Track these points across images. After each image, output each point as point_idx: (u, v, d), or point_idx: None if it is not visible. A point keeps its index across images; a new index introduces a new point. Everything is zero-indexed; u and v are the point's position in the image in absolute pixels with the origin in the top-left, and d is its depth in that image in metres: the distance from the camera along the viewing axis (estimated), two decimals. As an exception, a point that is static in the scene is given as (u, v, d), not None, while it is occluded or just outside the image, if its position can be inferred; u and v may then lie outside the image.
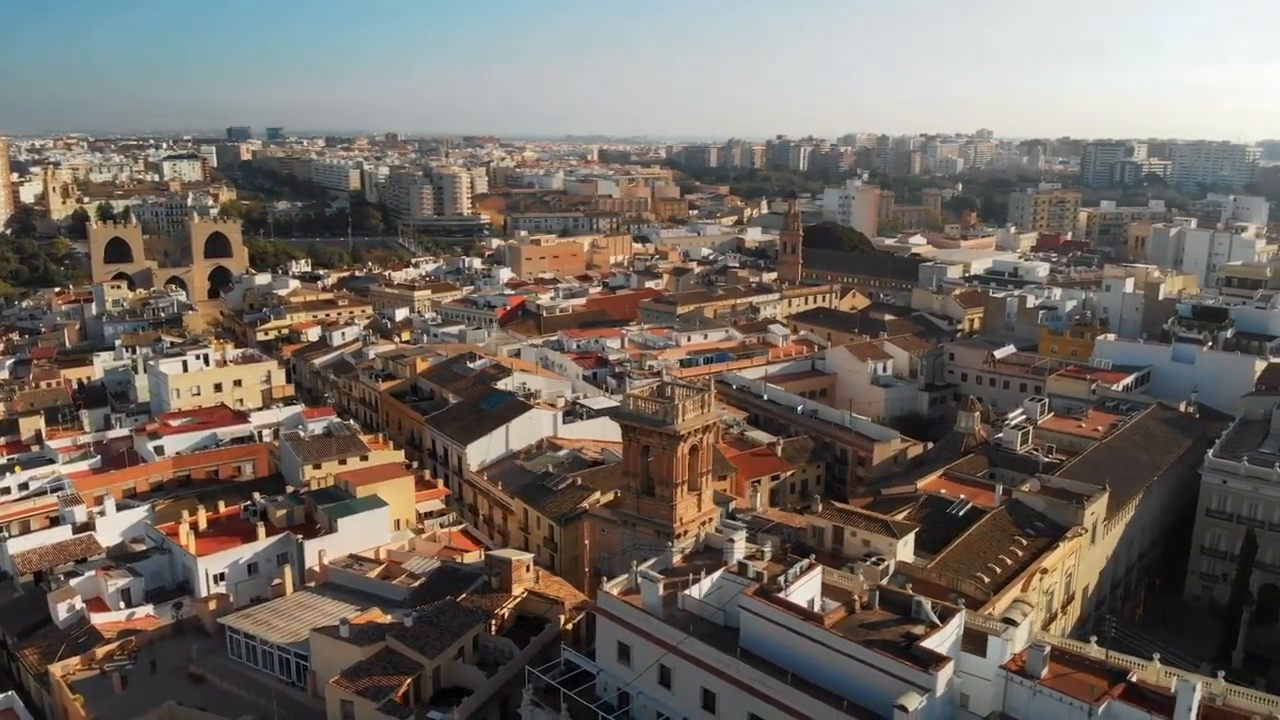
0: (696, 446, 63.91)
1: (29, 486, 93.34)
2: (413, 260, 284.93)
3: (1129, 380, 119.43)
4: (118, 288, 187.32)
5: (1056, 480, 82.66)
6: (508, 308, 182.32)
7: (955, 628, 47.23)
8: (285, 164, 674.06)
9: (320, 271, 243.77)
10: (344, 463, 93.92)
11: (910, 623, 47.89)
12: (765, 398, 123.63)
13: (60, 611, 71.11)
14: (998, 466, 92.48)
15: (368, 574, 71.52)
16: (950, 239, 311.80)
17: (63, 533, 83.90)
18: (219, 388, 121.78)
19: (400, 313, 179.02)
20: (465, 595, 66.42)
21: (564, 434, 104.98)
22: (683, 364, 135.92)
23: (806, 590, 51.43)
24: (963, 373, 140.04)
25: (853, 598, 50.50)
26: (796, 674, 46.00)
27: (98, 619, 70.98)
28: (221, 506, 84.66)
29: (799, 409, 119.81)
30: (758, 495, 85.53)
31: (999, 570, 70.08)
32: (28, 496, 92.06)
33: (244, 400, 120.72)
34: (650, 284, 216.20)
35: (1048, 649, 43.71)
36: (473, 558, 75.80)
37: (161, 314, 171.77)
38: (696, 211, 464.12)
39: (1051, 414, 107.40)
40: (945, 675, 43.20)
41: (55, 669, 64.82)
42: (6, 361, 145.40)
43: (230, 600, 71.93)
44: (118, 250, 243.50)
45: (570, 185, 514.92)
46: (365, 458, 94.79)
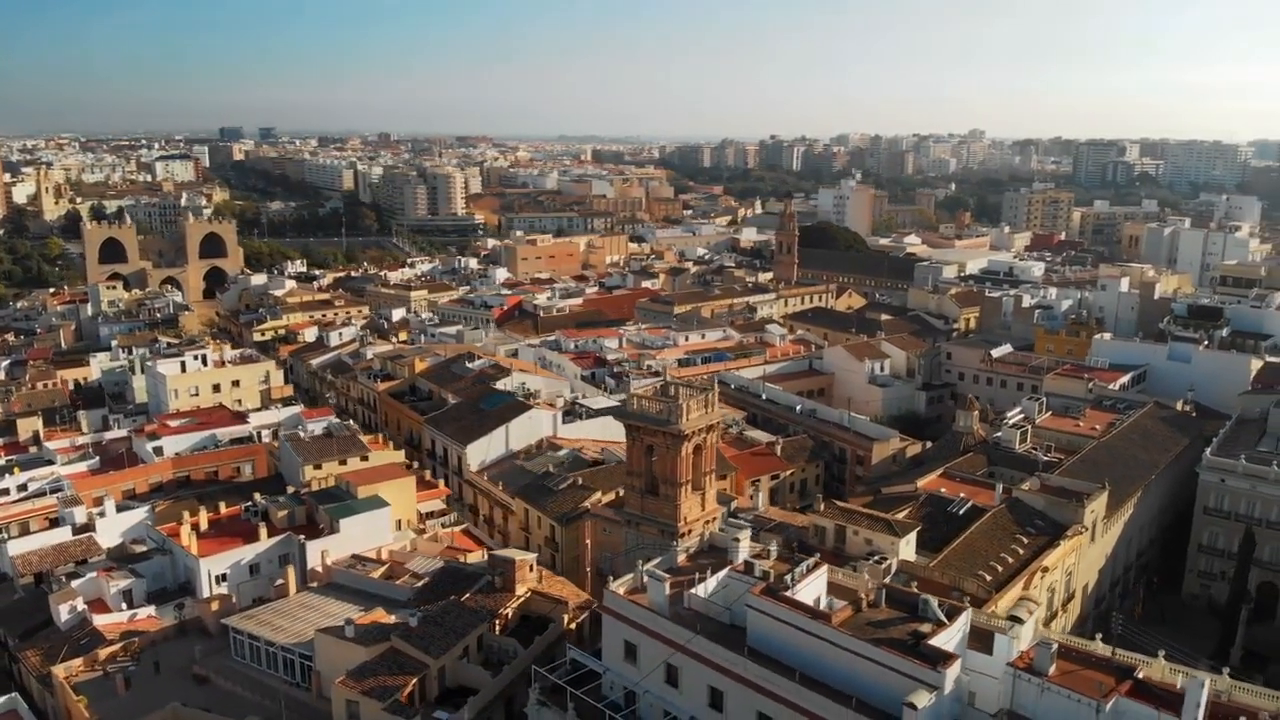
0: (700, 446, 64.00)
1: (28, 488, 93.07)
2: (408, 260, 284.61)
3: (1125, 379, 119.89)
4: (113, 288, 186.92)
5: (1056, 479, 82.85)
6: (504, 308, 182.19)
7: (962, 626, 47.46)
8: (278, 164, 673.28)
9: (316, 272, 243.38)
10: (344, 463, 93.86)
11: (917, 621, 48.10)
12: (764, 397, 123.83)
13: (62, 613, 71.00)
14: (997, 465, 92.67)
15: (371, 574, 71.52)
16: (945, 239, 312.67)
17: (63, 534, 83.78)
18: (217, 388, 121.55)
19: (397, 313, 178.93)
20: (469, 595, 66.45)
21: (564, 434, 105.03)
22: (681, 364, 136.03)
23: (812, 589, 51.60)
24: (960, 372, 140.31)
25: (859, 596, 50.68)
26: (804, 672, 46.21)
27: (100, 620, 70.87)
28: (222, 507, 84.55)
29: (797, 408, 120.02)
30: (759, 495, 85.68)
31: (1000, 569, 70.21)
32: (27, 498, 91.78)
33: (242, 401, 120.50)
34: (646, 284, 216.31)
35: (1055, 646, 43.97)
36: (475, 558, 75.85)
37: (157, 314, 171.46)
38: (691, 211, 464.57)
39: (1049, 413, 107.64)
40: (953, 673, 43.41)
41: (58, 670, 64.71)
42: (3, 362, 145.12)
43: (233, 601, 71.87)
44: (112, 251, 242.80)
45: (564, 185, 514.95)
46: (366, 458, 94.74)
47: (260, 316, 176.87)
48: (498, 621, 65.02)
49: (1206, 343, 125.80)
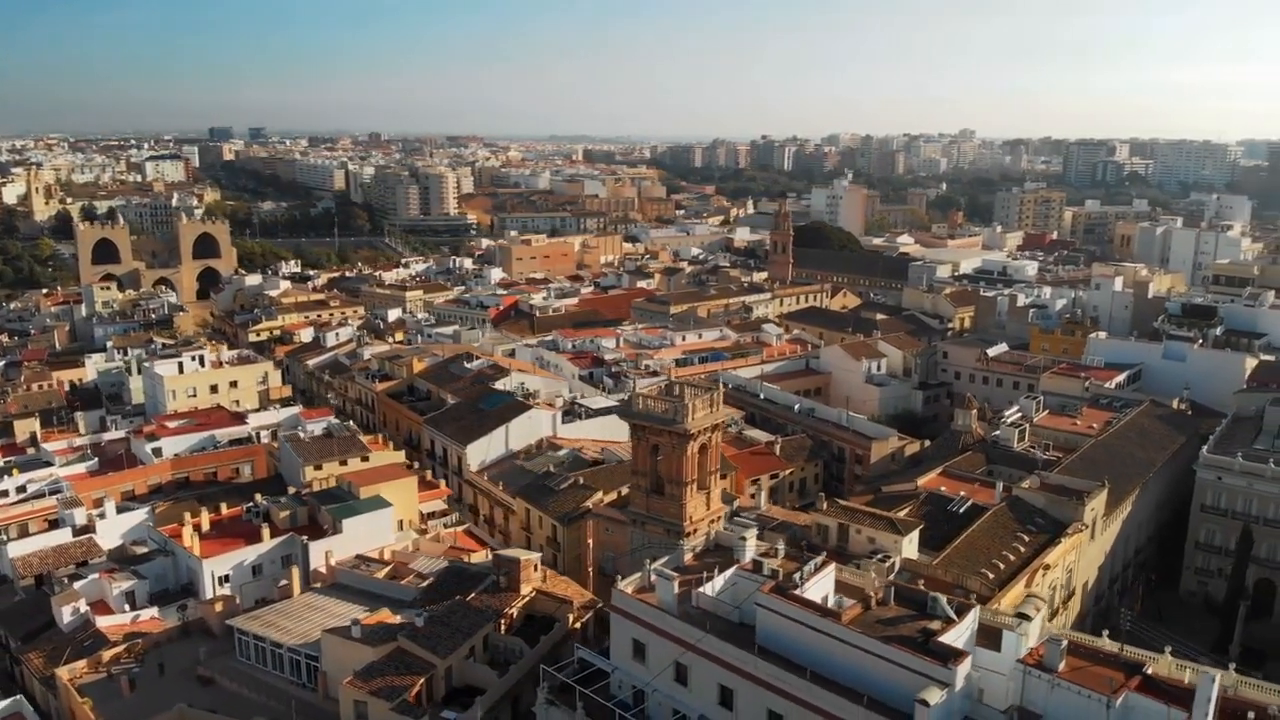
0: (706, 445, 64.22)
1: (27, 489, 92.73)
2: (402, 260, 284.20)
3: (1121, 378, 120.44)
4: (107, 289, 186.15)
5: (1056, 477, 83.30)
6: (500, 308, 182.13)
7: (970, 623, 47.75)
8: (269, 164, 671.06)
9: (310, 272, 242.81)
10: (345, 464, 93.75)
11: (926, 618, 48.34)
12: (762, 397, 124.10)
13: (64, 615, 70.85)
14: (995, 464, 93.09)
15: (375, 574, 71.49)
16: (938, 238, 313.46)
17: (63, 535, 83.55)
18: (215, 389, 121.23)
19: (392, 313, 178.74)
20: (474, 595, 66.53)
21: (563, 434, 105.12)
22: (678, 363, 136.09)
23: (820, 587, 51.82)
24: (956, 371, 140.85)
25: (868, 594, 50.92)
26: (813, 670, 46.39)
27: (102, 622, 70.72)
28: (223, 508, 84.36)
29: (795, 408, 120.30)
30: (761, 494, 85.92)
31: (1003, 566, 70.66)
32: (26, 499, 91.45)
33: (240, 401, 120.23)
34: (642, 284, 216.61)
35: (1065, 642, 44.28)
36: (478, 558, 75.94)
37: (152, 315, 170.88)
38: (683, 211, 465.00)
39: (1046, 411, 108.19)
40: (964, 670, 43.65)
41: (62, 672, 64.57)
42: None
43: (236, 602, 71.78)
44: (105, 251, 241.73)
45: (557, 185, 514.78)
46: (366, 458, 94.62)
47: (255, 317, 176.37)
48: (503, 621, 65.11)
49: (1201, 341, 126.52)
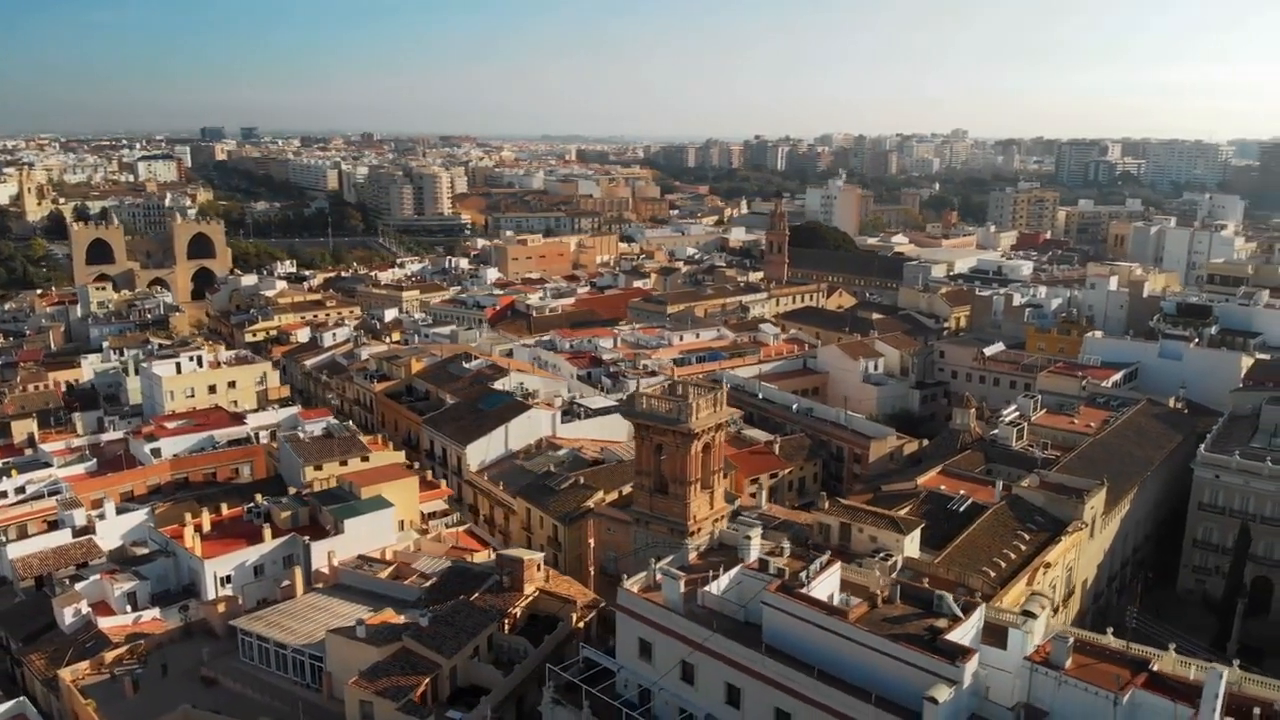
0: (709, 444, 64.41)
1: (25, 490, 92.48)
2: (397, 260, 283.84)
3: (1118, 377, 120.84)
4: (102, 289, 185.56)
5: (1055, 476, 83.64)
6: (497, 308, 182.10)
7: (976, 621, 47.99)
8: (261, 164, 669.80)
9: (306, 272, 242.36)
10: (345, 464, 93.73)
11: (932, 616, 48.57)
12: (760, 396, 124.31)
13: (66, 616, 70.68)
14: (994, 462, 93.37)
15: (378, 575, 71.49)
16: (932, 238, 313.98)
17: (62, 536, 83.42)
18: (213, 389, 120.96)
19: (389, 313, 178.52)
20: (478, 595, 66.61)
21: (562, 434, 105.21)
22: (676, 363, 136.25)
23: (826, 586, 51.97)
24: (953, 370, 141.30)
25: (874, 592, 51.12)
26: (820, 669, 46.56)
27: (104, 623, 70.61)
28: (224, 509, 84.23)
29: (794, 407, 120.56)
30: (763, 493, 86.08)
31: (1004, 565, 70.89)
32: (24, 500, 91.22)
33: (238, 402, 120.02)
34: (638, 283, 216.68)
35: (1071, 640, 44.51)
36: (481, 558, 76.02)
37: (148, 315, 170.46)
38: (677, 211, 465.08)
39: (1044, 410, 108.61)
40: (971, 667, 43.86)
41: (65, 674, 64.41)
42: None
43: (238, 603, 71.70)
44: (99, 251, 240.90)
45: (551, 185, 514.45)
46: (366, 459, 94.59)
47: (251, 317, 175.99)
48: (506, 621, 65.19)
49: (1196, 341, 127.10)
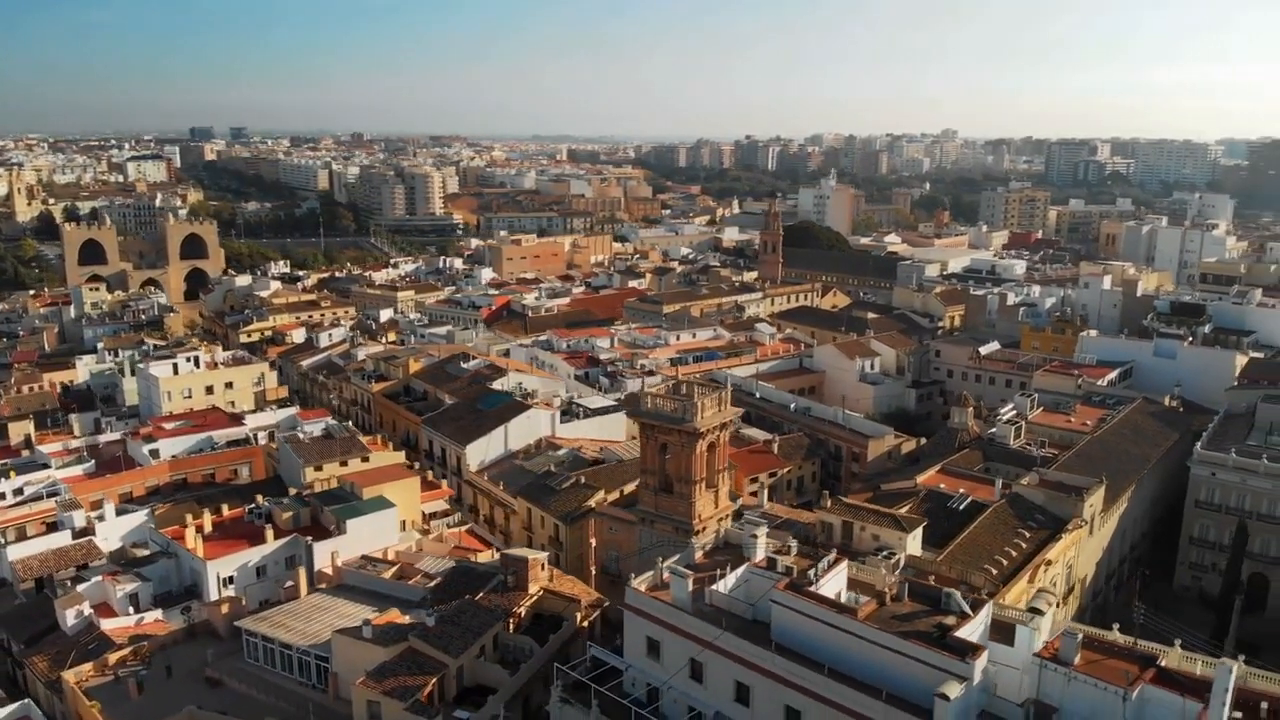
0: (714, 444, 64.61)
1: (23, 492, 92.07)
2: (391, 261, 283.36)
3: (1113, 375, 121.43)
4: (95, 290, 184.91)
5: (1054, 474, 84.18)
6: (493, 308, 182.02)
7: (984, 618, 48.29)
8: (251, 164, 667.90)
9: (300, 273, 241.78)
10: (345, 464, 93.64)
11: (940, 614, 48.86)
12: (758, 395, 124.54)
13: (68, 618, 70.42)
14: (992, 461, 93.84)
15: (382, 575, 71.46)
16: (924, 238, 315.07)
17: (62, 538, 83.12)
18: (210, 390, 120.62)
19: (384, 314, 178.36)
20: (483, 594, 66.65)
21: (562, 433, 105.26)
22: (673, 363, 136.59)
23: (834, 584, 52.26)
24: (948, 369, 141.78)
25: (883, 590, 51.37)
26: (830, 666, 46.78)
27: (107, 625, 70.41)
28: (225, 510, 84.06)
29: (791, 406, 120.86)
30: (762, 492, 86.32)
31: (1005, 562, 71.31)
32: (23, 502, 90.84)
33: (236, 403, 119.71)
34: (633, 283, 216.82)
35: (1080, 636, 44.85)
36: (484, 557, 76.10)
37: (142, 316, 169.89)
38: (669, 211, 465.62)
39: (1041, 409, 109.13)
40: (981, 664, 44.15)
41: (68, 676, 64.18)
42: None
43: (242, 603, 71.59)
44: (91, 252, 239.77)
45: (543, 185, 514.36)
46: (366, 459, 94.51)
47: (246, 318, 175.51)
48: (511, 620, 65.25)
49: (1190, 339, 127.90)
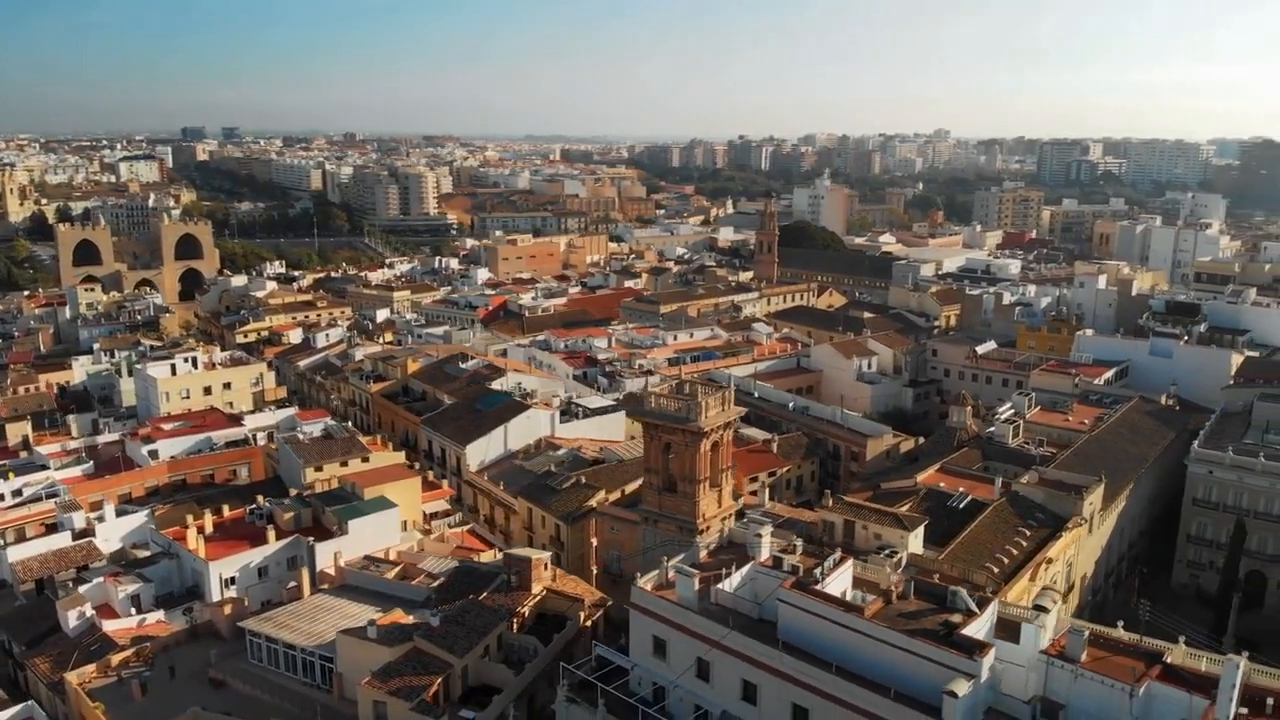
0: (718, 443, 64.77)
1: (22, 493, 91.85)
2: (386, 261, 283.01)
3: (1109, 375, 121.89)
4: (91, 290, 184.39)
5: (1053, 472, 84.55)
6: (489, 308, 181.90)
7: (990, 616, 48.53)
8: (244, 164, 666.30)
9: (295, 273, 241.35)
10: (345, 465, 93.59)
11: (946, 611, 49.10)
12: (756, 395, 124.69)
13: (70, 619, 70.32)
14: (991, 460, 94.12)
15: (385, 575, 71.46)
16: (918, 238, 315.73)
17: (62, 539, 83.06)
18: (208, 391, 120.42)
19: (381, 314, 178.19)
20: (486, 594, 66.74)
21: (561, 433, 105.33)
22: (671, 362, 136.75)
23: (840, 582, 52.45)
24: (945, 369, 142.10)
25: (887, 588, 51.60)
26: (837, 665, 46.96)
27: (109, 626, 70.34)
28: (225, 510, 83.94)
29: (789, 406, 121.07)
30: (764, 491, 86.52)
31: (1006, 561, 71.61)
32: (22, 503, 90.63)
33: (234, 403, 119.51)
34: (629, 283, 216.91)
35: (1086, 633, 45.10)
36: (486, 557, 76.17)
37: (138, 317, 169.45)
38: (663, 211, 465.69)
39: (1038, 408, 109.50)
40: (989, 661, 44.39)
41: (71, 677, 64.07)
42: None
43: (244, 604, 71.52)
44: (85, 252, 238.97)
45: (537, 185, 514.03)
46: (367, 459, 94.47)
47: (242, 318, 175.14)
48: (515, 620, 65.38)
49: (1186, 338, 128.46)
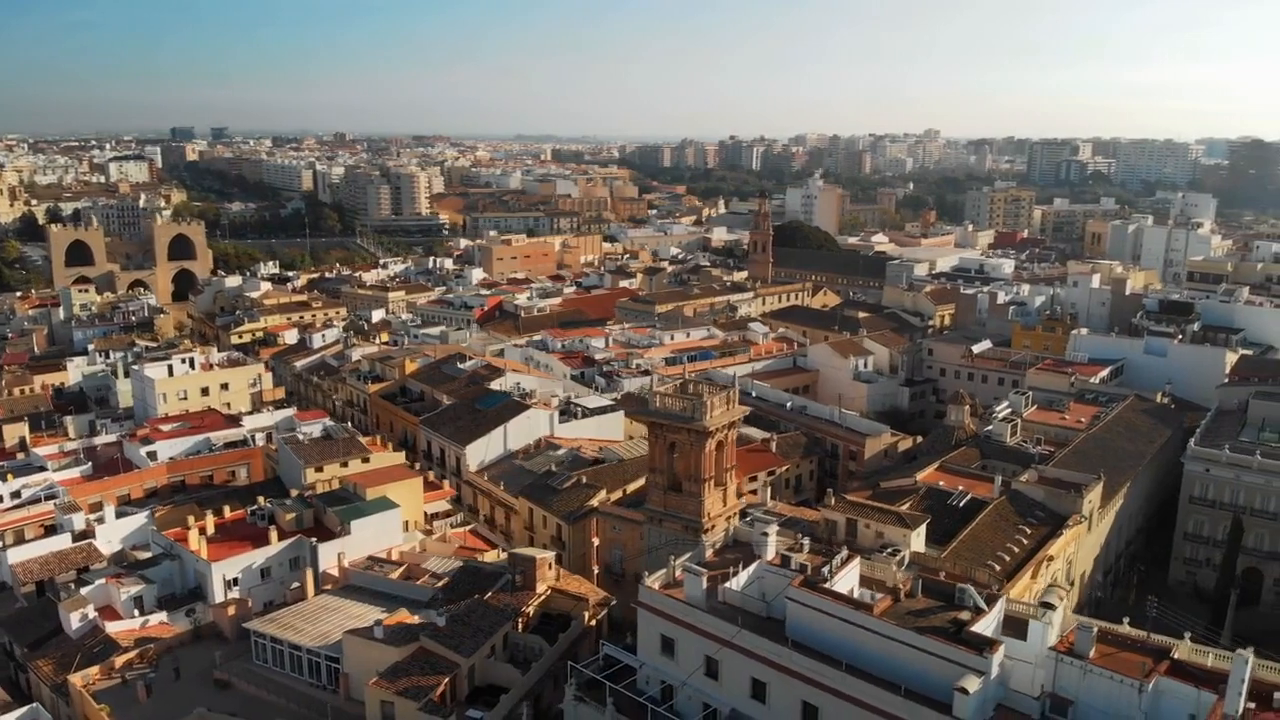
0: (722, 442, 64.99)
1: (21, 495, 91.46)
2: (380, 261, 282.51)
3: (1104, 373, 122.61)
4: (85, 291, 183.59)
5: (1053, 470, 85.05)
6: (485, 308, 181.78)
7: (998, 613, 48.86)
8: (234, 164, 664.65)
9: (289, 274, 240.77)
10: (345, 465, 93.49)
11: (955, 609, 49.41)
12: (753, 395, 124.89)
13: (73, 621, 70.10)
14: (989, 458, 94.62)
15: (389, 575, 71.48)
16: (911, 237, 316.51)
17: (62, 541, 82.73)
18: (205, 392, 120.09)
19: (376, 314, 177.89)
20: (491, 594, 66.85)
21: (560, 433, 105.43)
22: (668, 362, 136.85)
23: (847, 581, 52.76)
24: (941, 368, 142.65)
25: (895, 586, 51.89)
26: (847, 662, 47.21)
27: (111, 628, 70.09)
28: (226, 511, 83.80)
29: (787, 405, 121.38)
30: (767, 490, 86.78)
31: (1008, 559, 72.06)
32: (20, 505, 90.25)
33: (232, 404, 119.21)
34: (624, 283, 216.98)
35: (1095, 629, 45.43)
36: (490, 557, 76.22)
37: (132, 318, 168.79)
38: (655, 211, 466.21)
39: (1035, 406, 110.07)
40: (998, 658, 44.70)
41: (75, 679, 63.94)
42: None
43: (248, 605, 71.45)
44: (77, 253, 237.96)
45: (528, 185, 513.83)
46: (367, 460, 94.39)
47: (237, 319, 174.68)
48: (520, 620, 65.49)
49: (1180, 337, 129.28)
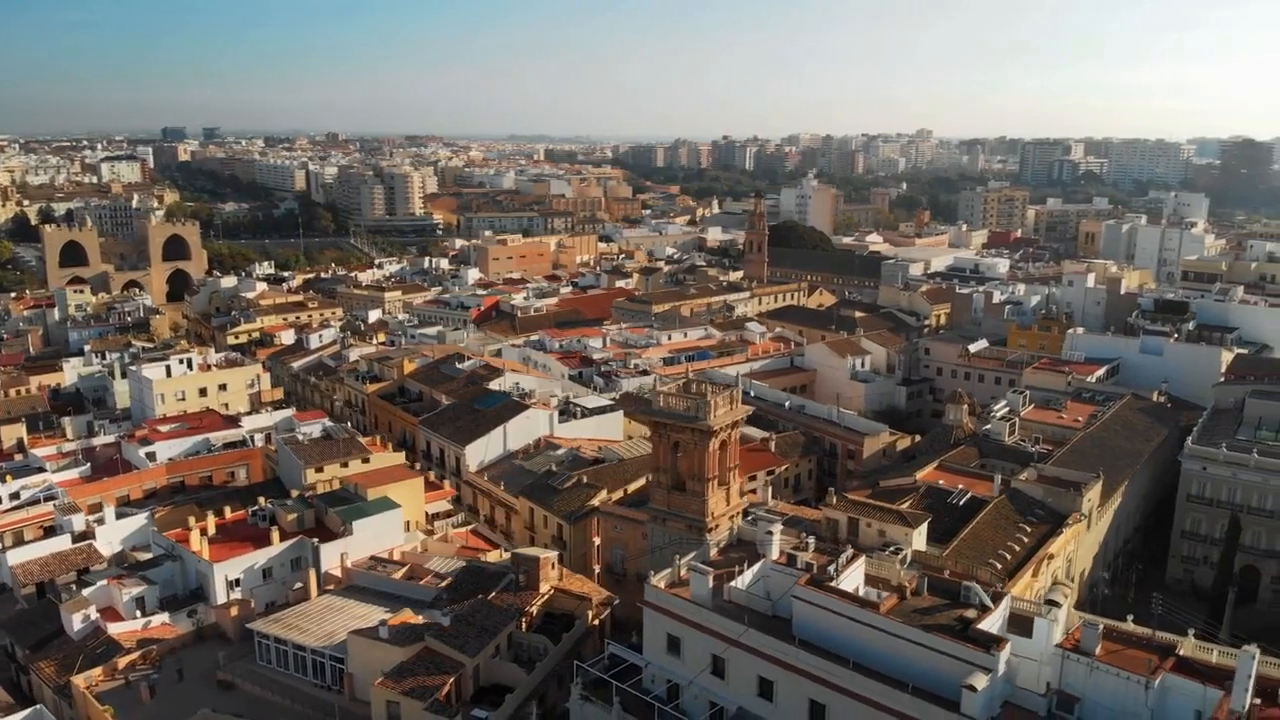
0: (726, 442, 65.15)
1: (20, 496, 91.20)
2: (375, 261, 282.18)
3: (1100, 372, 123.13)
4: (80, 292, 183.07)
5: (1052, 469, 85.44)
6: (482, 308, 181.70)
7: (1004, 610, 49.11)
8: (226, 164, 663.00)
9: (284, 274, 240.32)
10: (346, 465, 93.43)
11: (960, 607, 49.64)
12: (751, 394, 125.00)
13: (75, 622, 69.89)
14: (988, 457, 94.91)
15: (392, 575, 71.47)
16: (905, 237, 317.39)
17: (62, 542, 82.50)
18: (203, 392, 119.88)
19: (372, 314, 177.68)
20: (495, 594, 66.91)
21: (560, 433, 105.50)
22: (665, 362, 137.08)
23: (853, 579, 52.95)
24: (938, 367, 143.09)
25: (901, 585, 52.11)
26: (854, 660, 47.39)
27: (114, 629, 69.93)
28: (227, 512, 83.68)
29: (786, 405, 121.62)
30: (767, 490, 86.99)
31: (1009, 557, 72.38)
32: (19, 506, 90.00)
33: (230, 405, 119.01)
34: (620, 283, 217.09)
35: (1101, 626, 45.70)
36: (492, 557, 76.21)
37: (128, 318, 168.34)
38: (649, 211, 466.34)
39: (1032, 405, 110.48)
40: (1005, 655, 44.92)
41: (78, 680, 63.76)
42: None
43: (250, 606, 71.38)
44: (71, 254, 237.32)
45: (522, 185, 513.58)
46: (367, 460, 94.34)
47: (233, 319, 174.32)
48: (524, 619, 65.57)
49: (1176, 336, 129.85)
